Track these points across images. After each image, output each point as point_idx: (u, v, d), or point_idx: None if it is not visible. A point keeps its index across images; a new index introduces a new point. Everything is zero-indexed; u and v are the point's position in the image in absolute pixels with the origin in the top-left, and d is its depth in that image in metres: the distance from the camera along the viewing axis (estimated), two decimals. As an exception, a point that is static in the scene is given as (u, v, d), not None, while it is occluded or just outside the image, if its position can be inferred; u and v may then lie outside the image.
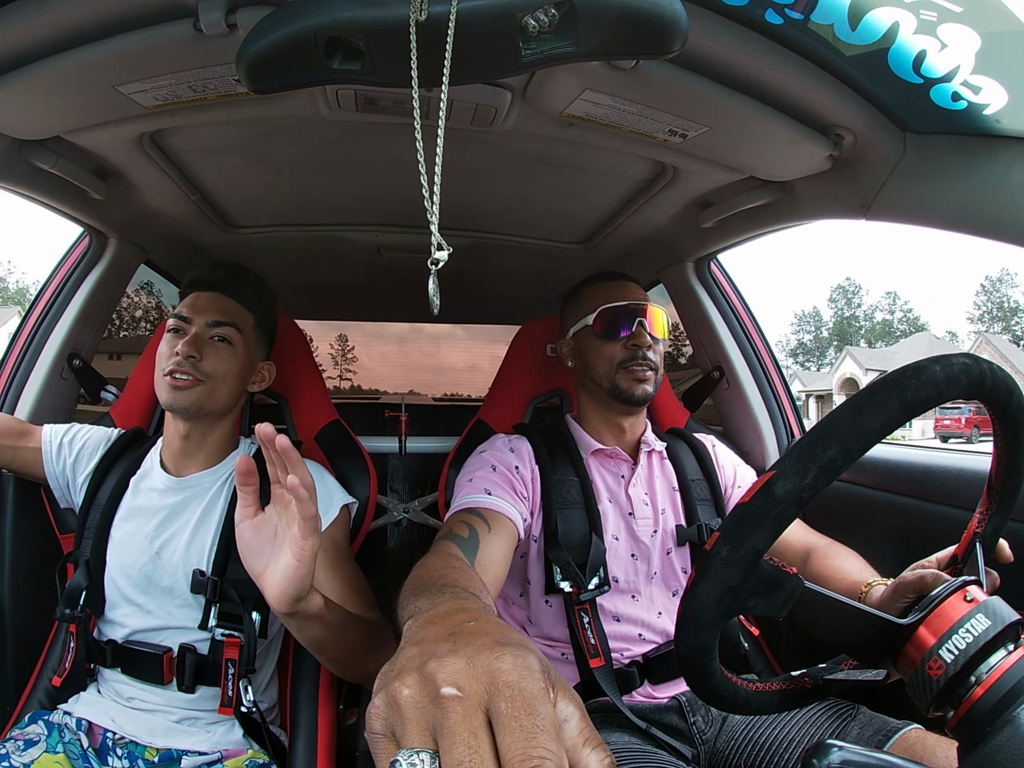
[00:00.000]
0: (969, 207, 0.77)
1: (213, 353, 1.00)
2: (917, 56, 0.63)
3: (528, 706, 0.30)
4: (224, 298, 1.05)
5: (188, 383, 0.97)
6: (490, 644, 0.34)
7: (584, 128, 0.90)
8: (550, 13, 0.53)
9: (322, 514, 1.01)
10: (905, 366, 0.49)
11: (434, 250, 0.52)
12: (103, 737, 0.93)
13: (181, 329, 1.01)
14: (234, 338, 1.03)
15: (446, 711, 0.30)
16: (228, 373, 1.02)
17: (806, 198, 1.04)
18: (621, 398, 1.07)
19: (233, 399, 1.05)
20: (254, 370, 1.10)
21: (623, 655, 1.01)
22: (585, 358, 1.11)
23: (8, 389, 1.24)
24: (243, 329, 1.05)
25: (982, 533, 0.61)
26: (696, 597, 0.49)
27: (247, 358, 1.06)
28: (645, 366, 1.06)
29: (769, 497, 0.47)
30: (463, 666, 0.32)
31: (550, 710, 0.31)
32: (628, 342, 1.06)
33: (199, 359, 0.98)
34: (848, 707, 0.89)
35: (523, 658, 0.33)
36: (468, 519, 0.89)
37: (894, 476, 1.16)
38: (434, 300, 0.55)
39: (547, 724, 0.30)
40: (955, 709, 0.47)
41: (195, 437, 1.03)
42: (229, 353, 1.02)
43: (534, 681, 0.32)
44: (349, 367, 3.05)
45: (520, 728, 0.29)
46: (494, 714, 0.30)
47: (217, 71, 0.74)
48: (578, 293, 1.17)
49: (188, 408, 0.98)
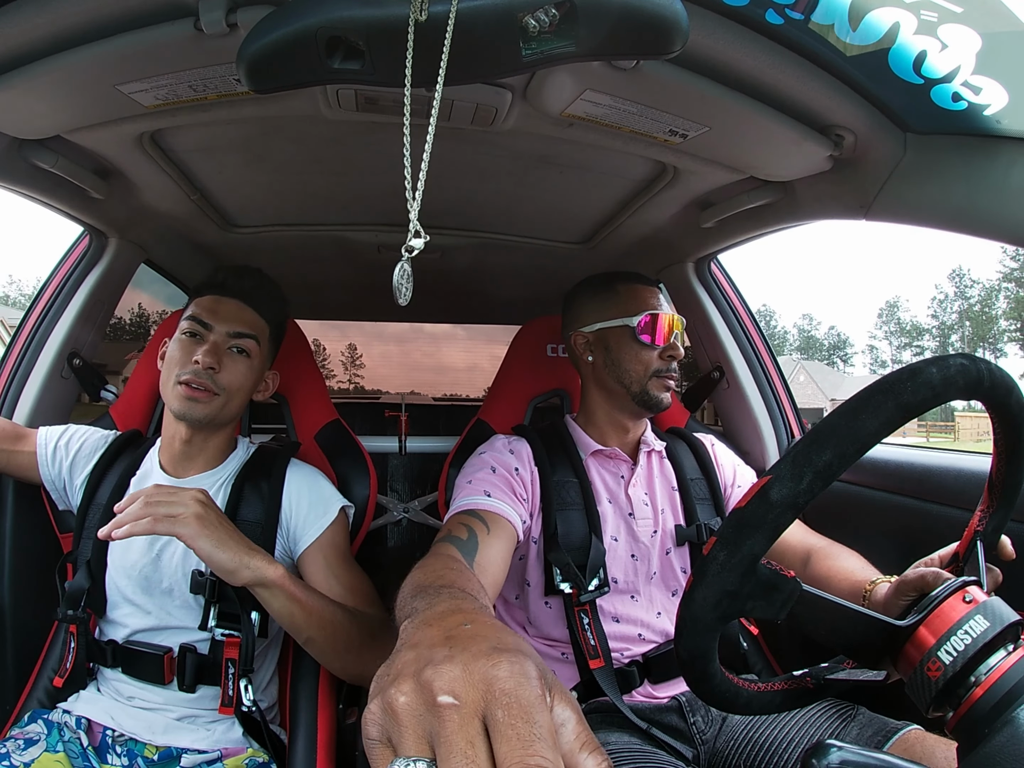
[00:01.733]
0: (969, 207, 0.77)
1: (232, 365, 0.98)
2: (918, 56, 0.63)
3: (525, 714, 0.30)
4: (247, 308, 1.02)
5: (205, 396, 0.95)
6: (487, 650, 0.34)
7: (584, 128, 0.90)
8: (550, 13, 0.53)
9: (318, 518, 1.01)
10: (901, 368, 0.49)
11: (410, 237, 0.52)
12: (102, 735, 0.93)
13: (199, 334, 0.99)
14: (253, 351, 1.01)
15: (443, 720, 0.30)
16: (243, 386, 1.01)
17: (806, 198, 1.03)
18: (648, 404, 1.07)
19: (242, 409, 1.06)
20: (260, 379, 1.08)
21: (623, 654, 1.01)
22: (616, 357, 1.08)
23: (8, 388, 1.24)
24: (261, 341, 1.03)
25: (983, 531, 0.61)
26: (694, 601, 0.49)
27: (258, 371, 1.05)
28: (673, 377, 1.08)
29: (765, 502, 0.47)
30: (459, 673, 0.32)
31: (547, 717, 0.31)
32: (665, 352, 1.07)
33: (218, 371, 0.96)
34: (848, 707, 0.89)
35: (520, 664, 0.33)
36: (467, 521, 0.89)
37: (894, 476, 1.16)
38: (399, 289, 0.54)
39: (544, 732, 0.30)
40: (954, 710, 0.47)
41: (197, 443, 1.03)
42: (247, 366, 1.01)
43: (531, 688, 0.32)
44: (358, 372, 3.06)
45: (517, 736, 0.29)
46: (491, 722, 0.30)
47: (217, 71, 0.74)
48: (609, 288, 1.13)
49: (200, 420, 0.97)
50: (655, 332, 1.07)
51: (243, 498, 1.01)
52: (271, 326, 1.07)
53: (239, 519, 0.99)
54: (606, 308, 1.11)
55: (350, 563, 1.03)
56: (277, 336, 1.11)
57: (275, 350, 1.13)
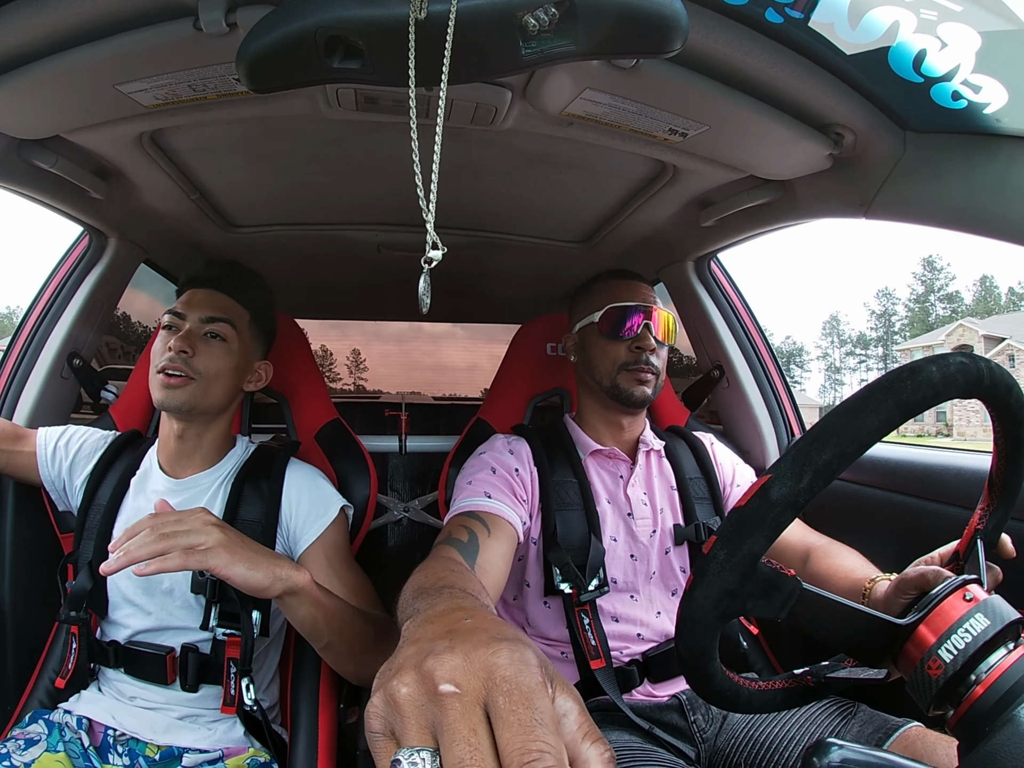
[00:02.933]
0: (969, 206, 0.77)
1: (206, 350, 0.99)
2: (917, 55, 0.63)
3: (526, 700, 0.30)
4: (219, 294, 1.04)
5: (180, 381, 0.96)
6: (486, 640, 0.34)
7: (584, 127, 0.90)
8: (550, 12, 0.53)
9: (318, 518, 1.01)
10: (901, 367, 0.49)
11: (428, 248, 0.52)
12: (104, 735, 0.93)
13: (175, 326, 1.00)
14: (228, 335, 1.02)
15: (445, 708, 0.30)
16: (222, 370, 1.00)
17: (806, 197, 1.03)
18: (620, 398, 1.06)
19: (228, 398, 1.04)
20: (250, 369, 1.08)
21: (622, 653, 1.01)
22: (588, 355, 1.11)
23: (8, 388, 1.24)
24: (238, 326, 1.03)
25: (983, 529, 0.61)
26: (694, 600, 0.49)
27: (242, 356, 1.05)
28: (647, 370, 1.05)
29: (765, 501, 0.47)
30: (460, 662, 0.32)
31: (548, 704, 0.31)
32: (632, 344, 1.06)
33: (191, 355, 0.97)
34: (848, 705, 0.89)
35: (520, 652, 0.33)
36: (468, 523, 0.89)
37: (895, 475, 1.16)
38: (423, 299, 0.55)
39: (545, 718, 0.30)
40: (955, 708, 0.47)
41: (190, 438, 1.03)
42: (223, 350, 1.01)
43: (531, 675, 0.32)
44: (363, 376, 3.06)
45: (519, 722, 0.29)
46: (492, 709, 0.30)
47: (217, 70, 0.74)
48: (588, 289, 1.16)
49: (180, 407, 0.97)
50: (620, 324, 1.06)
51: (243, 497, 1.01)
52: (250, 312, 1.06)
53: (239, 518, 0.99)
54: (584, 308, 1.14)
55: (351, 563, 1.03)
56: (262, 324, 1.10)
57: (265, 340, 1.12)
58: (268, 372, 1.11)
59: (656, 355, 1.07)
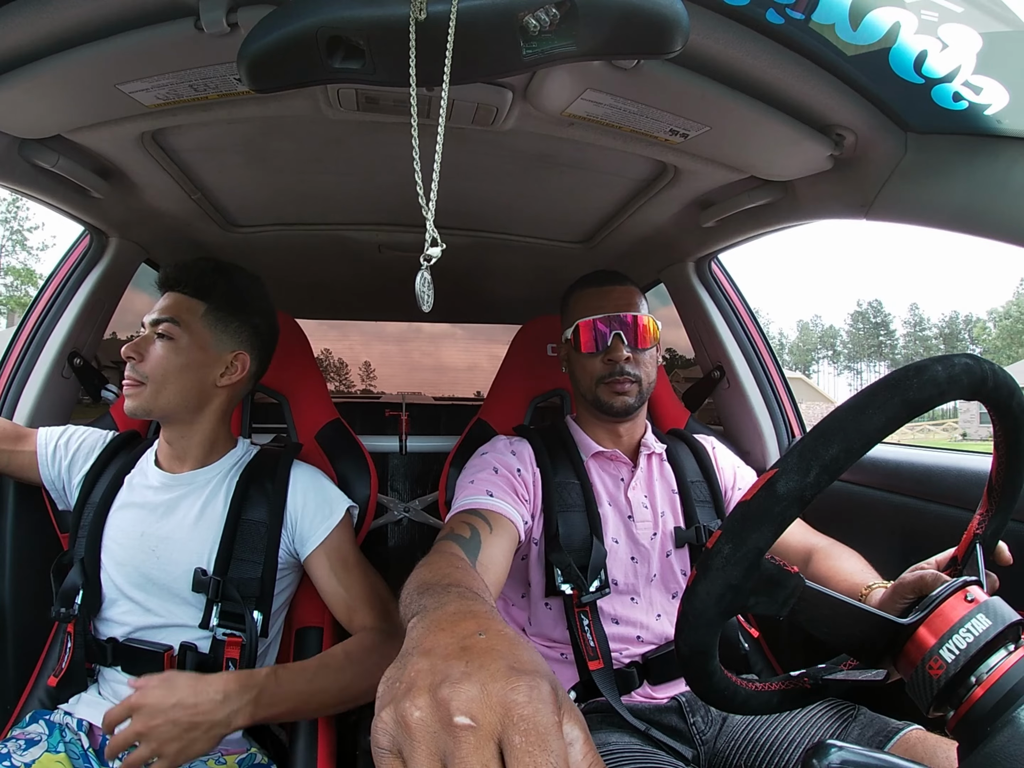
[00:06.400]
0: (970, 207, 0.77)
1: (151, 352, 0.98)
2: (918, 56, 0.63)
3: (542, 741, 0.30)
4: (172, 294, 1.02)
5: (131, 387, 0.97)
6: (504, 671, 0.34)
7: (585, 127, 0.90)
8: (551, 12, 0.53)
9: (323, 521, 1.01)
10: (907, 365, 0.49)
11: (427, 246, 0.52)
12: (103, 739, 0.93)
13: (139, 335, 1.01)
14: (174, 333, 0.98)
15: (459, 741, 0.30)
16: (169, 370, 0.97)
17: (807, 198, 1.03)
18: (603, 410, 1.07)
19: (190, 397, 0.99)
20: (219, 362, 1.02)
21: (622, 655, 1.01)
22: (571, 369, 1.13)
23: (9, 388, 1.24)
24: (185, 321, 0.99)
25: (982, 534, 0.61)
26: (697, 595, 0.49)
27: (197, 351, 0.99)
28: (624, 380, 1.04)
29: (771, 495, 0.47)
30: (477, 694, 0.32)
31: (562, 745, 0.31)
32: (605, 357, 1.05)
33: (138, 360, 0.97)
34: (849, 707, 0.89)
35: (538, 689, 0.33)
36: (470, 520, 0.89)
37: (895, 476, 1.16)
38: (422, 297, 0.55)
39: (559, 760, 0.30)
40: (955, 709, 0.47)
41: (176, 441, 1.02)
42: (168, 349, 0.98)
43: (548, 715, 0.32)
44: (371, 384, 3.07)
45: (533, 764, 0.29)
46: (507, 747, 0.30)
47: (218, 70, 0.74)
48: (567, 299, 1.16)
49: (136, 412, 0.97)
50: (590, 340, 1.06)
51: (248, 498, 1.01)
52: (206, 303, 1.01)
53: (244, 519, 0.99)
54: (564, 321, 1.15)
55: (358, 567, 1.02)
56: (226, 311, 1.02)
57: (237, 327, 1.04)
58: (245, 363, 1.04)
59: (633, 362, 1.05)
